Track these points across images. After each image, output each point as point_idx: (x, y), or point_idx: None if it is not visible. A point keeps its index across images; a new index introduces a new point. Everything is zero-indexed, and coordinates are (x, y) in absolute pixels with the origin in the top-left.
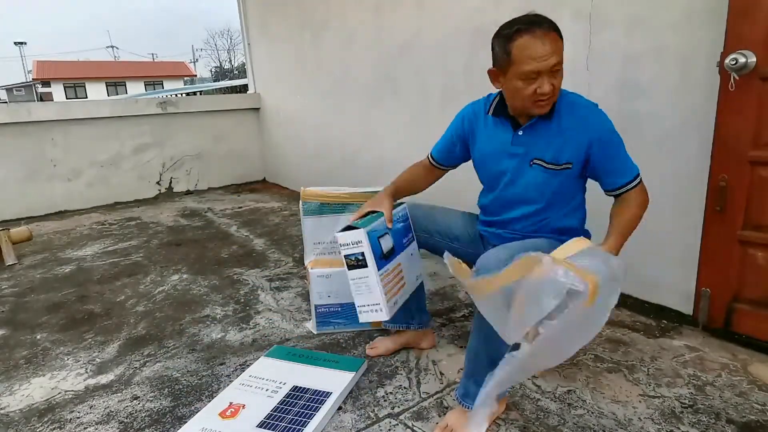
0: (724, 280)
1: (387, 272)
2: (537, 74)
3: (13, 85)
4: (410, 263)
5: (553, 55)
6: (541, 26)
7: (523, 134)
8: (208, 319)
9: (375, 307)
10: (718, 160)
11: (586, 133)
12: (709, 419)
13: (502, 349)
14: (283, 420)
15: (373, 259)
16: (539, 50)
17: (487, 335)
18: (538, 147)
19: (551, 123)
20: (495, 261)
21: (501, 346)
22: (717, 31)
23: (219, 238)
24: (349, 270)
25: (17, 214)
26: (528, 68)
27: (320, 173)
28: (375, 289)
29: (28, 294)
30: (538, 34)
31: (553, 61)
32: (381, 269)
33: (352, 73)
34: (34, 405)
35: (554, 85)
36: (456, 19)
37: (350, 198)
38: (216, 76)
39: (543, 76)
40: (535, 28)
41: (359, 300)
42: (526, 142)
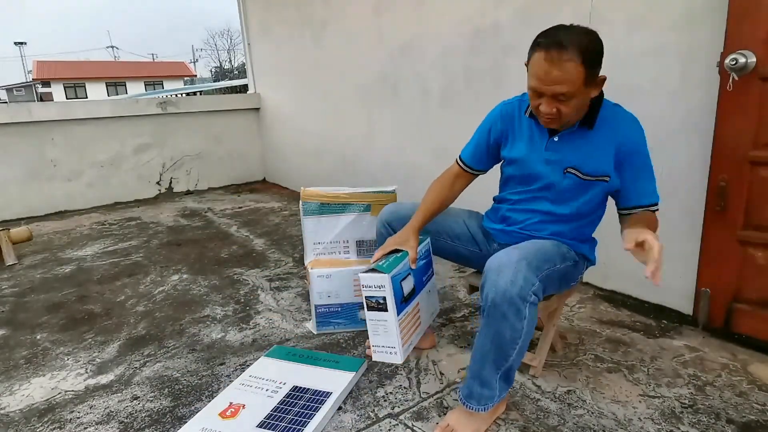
0: (724, 280)
1: (406, 315)
2: (540, 93)
3: (13, 85)
4: (428, 300)
5: (557, 83)
6: (559, 49)
7: (558, 141)
8: (208, 319)
9: (390, 349)
10: (718, 160)
11: (616, 139)
12: (709, 419)
13: (509, 352)
14: (283, 420)
15: (394, 305)
16: (545, 73)
17: (495, 337)
18: (573, 155)
19: (590, 133)
20: (507, 261)
21: (509, 350)
22: (717, 31)
23: (219, 238)
24: (369, 311)
25: (17, 214)
26: (531, 84)
27: (320, 173)
28: (393, 332)
29: (28, 294)
30: (552, 58)
31: (558, 90)
32: (400, 313)
33: (352, 74)
34: (34, 405)
35: (559, 110)
36: (456, 19)
37: (350, 198)
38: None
39: (547, 97)
40: (552, 51)
41: (375, 340)
42: (560, 149)
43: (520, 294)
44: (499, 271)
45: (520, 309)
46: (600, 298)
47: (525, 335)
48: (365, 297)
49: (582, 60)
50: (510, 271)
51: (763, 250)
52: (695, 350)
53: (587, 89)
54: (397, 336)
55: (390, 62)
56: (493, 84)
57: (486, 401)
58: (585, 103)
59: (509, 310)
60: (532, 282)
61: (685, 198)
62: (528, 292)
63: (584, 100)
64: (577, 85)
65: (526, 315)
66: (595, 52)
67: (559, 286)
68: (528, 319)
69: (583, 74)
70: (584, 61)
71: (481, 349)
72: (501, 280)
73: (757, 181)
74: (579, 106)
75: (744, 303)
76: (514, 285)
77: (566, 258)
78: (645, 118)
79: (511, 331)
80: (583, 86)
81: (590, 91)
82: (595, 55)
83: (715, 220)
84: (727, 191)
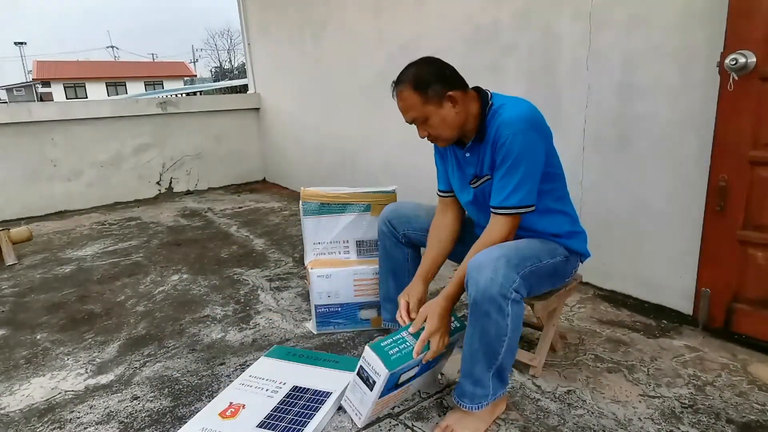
0: (724, 280)
1: (389, 396)
2: (410, 123)
3: (13, 85)
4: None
5: (407, 111)
6: (397, 85)
7: (469, 155)
8: (208, 319)
9: (357, 411)
10: (718, 160)
11: (492, 142)
12: (709, 419)
13: (498, 350)
14: (283, 420)
15: (380, 391)
16: (398, 106)
17: (482, 335)
18: (479, 165)
19: (483, 140)
20: (487, 260)
21: (497, 347)
22: (717, 31)
23: (219, 238)
24: (357, 375)
25: (17, 214)
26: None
27: (320, 173)
28: (367, 405)
29: (28, 294)
30: (395, 94)
31: (410, 116)
32: (383, 396)
33: (352, 73)
34: (34, 405)
35: (429, 132)
36: (456, 19)
37: (350, 198)
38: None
39: (417, 125)
40: (394, 87)
41: (350, 393)
42: (472, 162)
43: (501, 291)
44: (479, 270)
45: (502, 306)
46: (600, 298)
47: (512, 332)
48: (360, 365)
49: (412, 86)
50: (489, 270)
51: (763, 250)
52: (695, 350)
53: (434, 107)
54: (368, 410)
55: (390, 62)
56: (493, 84)
57: (479, 400)
58: (448, 119)
59: (491, 307)
60: (513, 279)
61: (685, 198)
62: (508, 290)
63: (444, 117)
64: (418, 107)
65: (509, 312)
66: (421, 78)
67: (552, 282)
68: (512, 316)
69: (418, 98)
70: (414, 86)
71: (470, 347)
72: (481, 279)
73: (757, 181)
74: (441, 123)
75: (744, 303)
76: (494, 283)
77: (555, 254)
78: (645, 118)
79: (496, 329)
80: (424, 107)
81: (441, 108)
82: (426, 76)
83: (715, 220)
84: (727, 191)
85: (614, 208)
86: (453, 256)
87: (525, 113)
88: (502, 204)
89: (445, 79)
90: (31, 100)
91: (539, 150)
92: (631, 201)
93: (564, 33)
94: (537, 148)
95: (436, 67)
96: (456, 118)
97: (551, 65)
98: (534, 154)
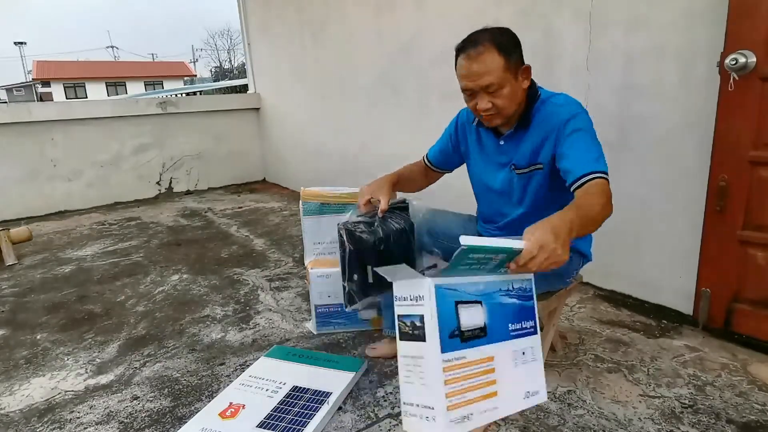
0: (724, 280)
1: (460, 361)
2: (472, 91)
3: (13, 85)
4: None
5: (483, 75)
6: (475, 46)
7: (504, 143)
8: (208, 319)
9: (426, 411)
10: (718, 160)
11: (547, 129)
12: (709, 419)
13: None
14: (283, 420)
15: (437, 332)
16: (468, 71)
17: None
18: (517, 154)
19: (528, 129)
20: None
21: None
22: (717, 31)
23: (219, 238)
24: (401, 340)
25: (17, 214)
26: (462, 86)
27: (320, 173)
28: (432, 381)
29: (28, 294)
30: (469, 55)
31: (485, 81)
32: (448, 351)
33: (352, 73)
34: (34, 405)
35: (495, 104)
36: (456, 19)
37: (350, 198)
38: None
39: (480, 93)
40: (469, 48)
41: (405, 393)
42: (507, 151)
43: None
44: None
45: None
46: (600, 298)
47: None
48: (397, 316)
49: (496, 48)
50: None
51: (763, 250)
52: (695, 350)
53: (512, 77)
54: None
55: (390, 62)
56: None
57: None
58: (518, 93)
59: None
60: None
61: (685, 198)
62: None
63: (515, 90)
64: (499, 72)
65: None
66: (507, 40)
67: (554, 282)
68: None
69: (502, 61)
70: (499, 48)
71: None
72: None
73: (757, 181)
74: (512, 95)
75: (744, 303)
76: None
77: None
78: (645, 118)
79: None
80: (505, 73)
81: (517, 79)
82: (508, 42)
83: (715, 220)
84: (727, 191)
85: (614, 208)
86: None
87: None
88: (597, 168)
89: (521, 51)
90: (31, 100)
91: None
92: (631, 201)
93: (564, 33)
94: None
95: (512, 35)
96: (522, 95)
97: (551, 65)
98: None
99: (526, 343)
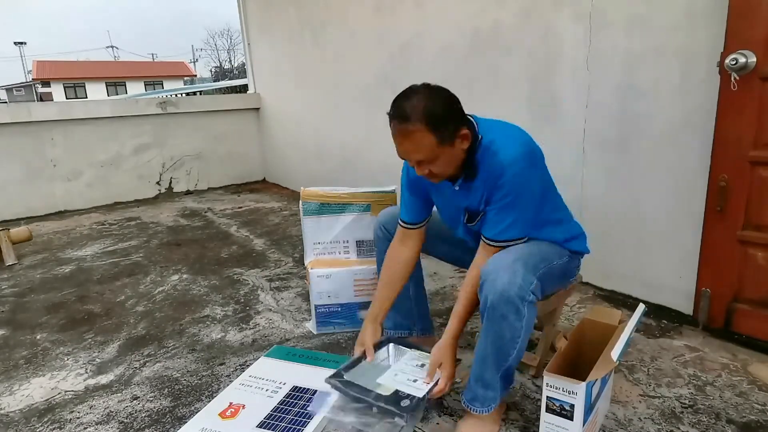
0: (724, 280)
1: (588, 425)
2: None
3: (13, 85)
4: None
5: (413, 153)
6: (404, 121)
7: (459, 189)
8: (208, 319)
9: None
10: (718, 160)
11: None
12: (709, 419)
13: (509, 352)
14: (283, 420)
15: (582, 414)
16: (400, 146)
17: (495, 339)
18: (468, 198)
19: (475, 179)
20: (503, 264)
21: (509, 350)
22: (717, 31)
23: (219, 238)
24: (547, 412)
25: (17, 214)
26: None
27: (320, 173)
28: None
29: (28, 294)
30: (400, 131)
31: (416, 157)
32: (585, 423)
33: (352, 73)
34: (34, 405)
35: (432, 171)
36: (456, 19)
37: (350, 198)
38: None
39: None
40: (397, 124)
41: None
42: (461, 195)
43: (519, 294)
44: (496, 274)
45: (519, 309)
46: (600, 298)
47: (524, 334)
48: (546, 396)
49: (426, 126)
50: (507, 273)
51: (763, 250)
52: (695, 350)
53: (447, 147)
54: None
55: (390, 62)
56: (493, 84)
57: (489, 402)
58: (456, 157)
59: (509, 310)
60: (530, 281)
61: (685, 198)
62: (527, 291)
63: (451, 156)
64: (431, 148)
65: (525, 314)
66: (437, 115)
67: (559, 282)
68: (527, 318)
69: (433, 138)
70: (428, 125)
71: (483, 352)
72: (499, 282)
73: (757, 181)
74: (448, 162)
75: (744, 303)
76: (512, 285)
77: (561, 255)
78: (645, 118)
79: (510, 332)
80: (438, 147)
81: (454, 146)
82: (441, 113)
83: (715, 220)
84: (727, 191)
85: (614, 208)
86: (460, 263)
87: (520, 149)
88: (496, 237)
89: (458, 113)
90: (31, 100)
91: (537, 184)
92: (632, 201)
93: (564, 33)
94: (535, 184)
95: (446, 98)
96: (462, 154)
97: (551, 65)
98: (532, 190)
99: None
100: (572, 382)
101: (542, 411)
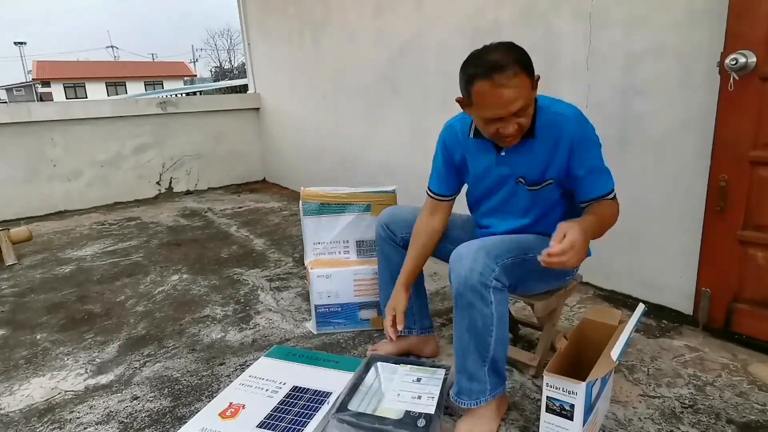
0: (724, 280)
1: (588, 424)
2: (499, 118)
3: (13, 85)
4: (603, 403)
5: (516, 101)
6: (503, 70)
7: (505, 155)
8: (208, 319)
9: None
10: (718, 160)
11: (557, 141)
12: (709, 419)
13: (487, 340)
14: (283, 420)
15: (582, 414)
16: (498, 99)
17: (470, 327)
18: (521, 166)
19: (533, 141)
20: (466, 252)
21: (486, 338)
22: (717, 31)
23: (219, 238)
24: (547, 412)
25: (17, 214)
26: (488, 114)
27: (320, 173)
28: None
29: (28, 294)
30: (496, 82)
31: (516, 107)
32: (585, 423)
33: (352, 74)
34: (34, 405)
35: (520, 124)
36: (456, 19)
37: (350, 198)
38: (216, 76)
39: (509, 118)
40: (495, 74)
41: None
42: (509, 162)
43: (480, 280)
44: (459, 261)
45: (484, 295)
46: (600, 298)
47: (498, 321)
48: (546, 396)
49: (524, 70)
50: (468, 260)
51: (763, 250)
52: (695, 350)
53: (534, 92)
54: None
55: (390, 62)
56: None
57: (477, 395)
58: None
59: (474, 297)
60: (492, 268)
61: (685, 198)
62: (488, 278)
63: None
64: (528, 93)
65: (492, 300)
66: (526, 56)
67: (549, 279)
68: (495, 303)
69: (529, 82)
70: (525, 69)
71: (460, 341)
72: (462, 269)
73: (757, 181)
74: (531, 113)
75: (744, 303)
76: (473, 272)
77: None
78: (645, 118)
79: (482, 318)
80: (532, 92)
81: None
82: (528, 59)
83: (715, 220)
84: (727, 191)
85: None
86: (436, 254)
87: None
88: (609, 189)
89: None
90: (31, 100)
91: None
92: (631, 201)
93: (564, 33)
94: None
95: (516, 45)
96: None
97: (551, 65)
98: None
99: (609, 385)
100: (572, 382)
101: (542, 411)
